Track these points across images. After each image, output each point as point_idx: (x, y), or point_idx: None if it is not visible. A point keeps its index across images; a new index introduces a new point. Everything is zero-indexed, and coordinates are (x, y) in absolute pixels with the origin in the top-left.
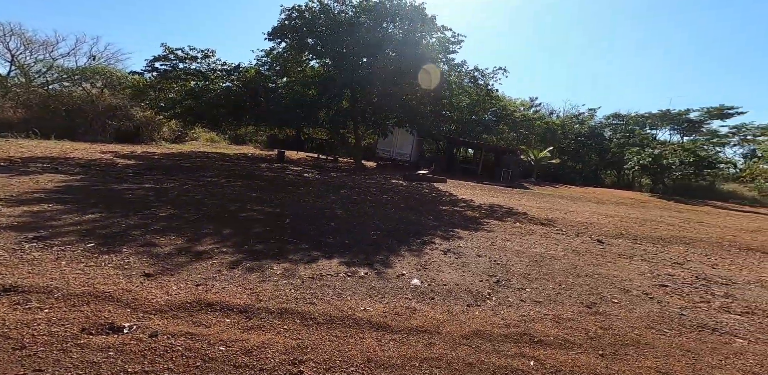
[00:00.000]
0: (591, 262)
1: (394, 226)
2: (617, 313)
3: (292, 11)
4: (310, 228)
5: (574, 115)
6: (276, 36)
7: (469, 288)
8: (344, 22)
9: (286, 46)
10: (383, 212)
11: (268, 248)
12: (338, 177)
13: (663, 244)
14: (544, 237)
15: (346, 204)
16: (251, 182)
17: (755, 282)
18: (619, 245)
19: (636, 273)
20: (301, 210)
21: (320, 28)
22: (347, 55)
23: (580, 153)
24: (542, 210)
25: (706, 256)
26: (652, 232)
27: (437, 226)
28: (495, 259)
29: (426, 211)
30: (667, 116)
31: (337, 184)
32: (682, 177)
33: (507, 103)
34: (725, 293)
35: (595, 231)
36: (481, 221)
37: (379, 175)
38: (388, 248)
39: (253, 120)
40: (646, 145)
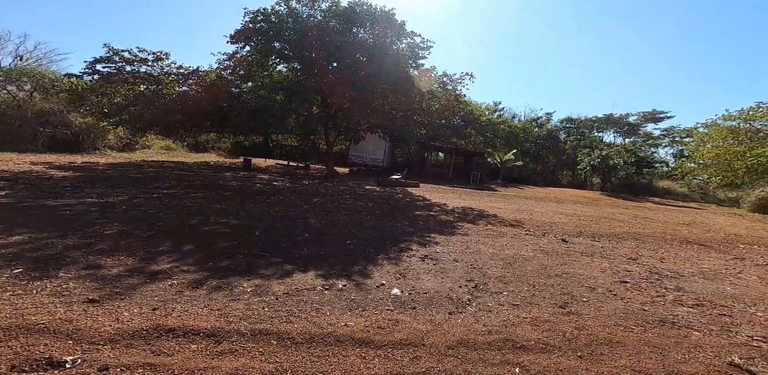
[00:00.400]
0: (558, 261)
1: (370, 233)
2: (588, 312)
3: (257, 14)
4: (282, 240)
5: (533, 119)
6: (239, 39)
7: (450, 294)
8: (313, 26)
9: (250, 49)
10: (358, 220)
11: (237, 264)
12: (310, 184)
13: (617, 240)
14: (515, 238)
15: (320, 213)
16: (214, 193)
17: (698, 274)
18: (581, 244)
19: (598, 270)
20: (272, 221)
21: (288, 31)
22: (316, 60)
23: (540, 155)
24: (510, 211)
25: (654, 251)
26: (607, 229)
27: (413, 232)
28: (471, 263)
29: (401, 217)
30: (611, 120)
31: (309, 192)
32: (626, 176)
33: (474, 107)
34: (676, 286)
35: (558, 230)
36: (456, 225)
37: (352, 182)
38: (365, 257)
39: (215, 126)
40: (595, 146)
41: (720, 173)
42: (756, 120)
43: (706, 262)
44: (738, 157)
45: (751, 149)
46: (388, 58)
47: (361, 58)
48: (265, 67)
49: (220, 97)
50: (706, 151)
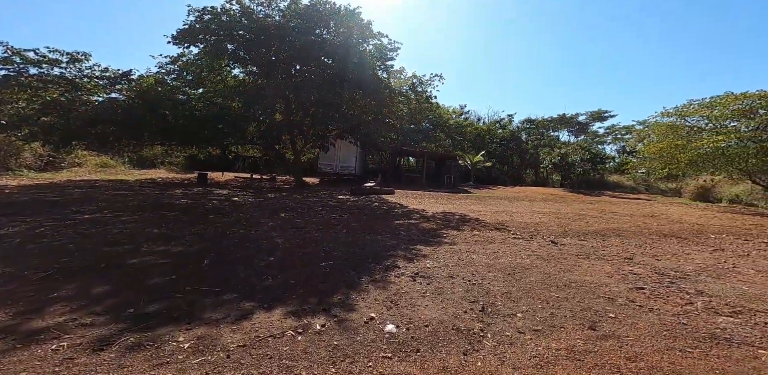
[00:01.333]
0: (559, 267)
1: (348, 251)
2: (625, 333)
3: (203, 13)
4: (239, 268)
5: (496, 120)
6: (184, 40)
7: (456, 324)
8: (271, 25)
9: (199, 52)
10: (333, 236)
11: (172, 307)
12: (276, 198)
13: (602, 238)
14: (504, 243)
15: (288, 230)
16: (155, 215)
17: (701, 271)
18: (571, 245)
19: (604, 275)
20: (228, 244)
21: (241, 32)
22: (276, 63)
23: (505, 155)
24: (490, 213)
25: (642, 247)
26: (587, 227)
27: (397, 245)
28: (468, 278)
29: (381, 229)
30: (564, 120)
31: (275, 206)
32: (584, 172)
33: (441, 111)
34: (696, 290)
35: (544, 231)
36: (440, 233)
37: (323, 192)
38: (346, 282)
39: (157, 138)
40: (554, 145)
41: (665, 166)
42: (689, 116)
43: (694, 256)
44: (680, 150)
45: (690, 143)
46: (355, 60)
47: (326, 60)
48: (217, 71)
49: (161, 104)
50: (652, 145)
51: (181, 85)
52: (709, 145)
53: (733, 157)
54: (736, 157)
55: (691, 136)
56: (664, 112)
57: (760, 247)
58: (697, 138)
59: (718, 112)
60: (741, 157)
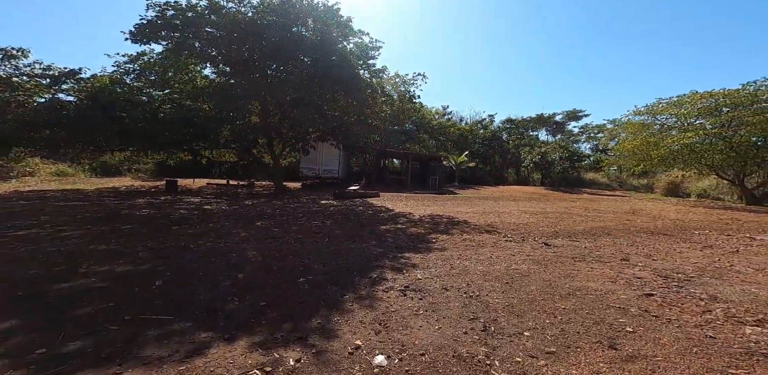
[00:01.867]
0: (558, 273)
1: (330, 263)
2: (651, 351)
3: (166, 8)
4: (200, 289)
5: (478, 121)
6: (143, 37)
7: (457, 350)
8: (242, 22)
9: (163, 50)
10: (314, 245)
11: (101, 343)
12: (254, 205)
13: (593, 238)
14: (497, 247)
15: (263, 241)
16: (107, 228)
17: (702, 272)
18: (564, 246)
19: (608, 281)
20: (190, 260)
21: (209, 28)
22: (250, 62)
23: (487, 155)
24: (478, 215)
25: (634, 247)
26: (575, 226)
27: (384, 254)
28: (464, 289)
29: (366, 235)
30: (542, 119)
31: (251, 214)
32: (563, 170)
33: (425, 111)
34: (708, 295)
35: (534, 232)
36: (429, 239)
37: (305, 197)
38: (327, 302)
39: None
40: (533, 145)
41: (639, 162)
42: (659, 114)
43: (688, 254)
44: (653, 147)
45: (662, 140)
46: (335, 58)
47: (304, 59)
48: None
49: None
50: (627, 143)
51: (144, 85)
52: (679, 141)
53: (702, 153)
54: (705, 153)
55: (662, 134)
56: (636, 111)
57: (745, 243)
58: (667, 135)
59: (686, 110)
60: (708, 153)
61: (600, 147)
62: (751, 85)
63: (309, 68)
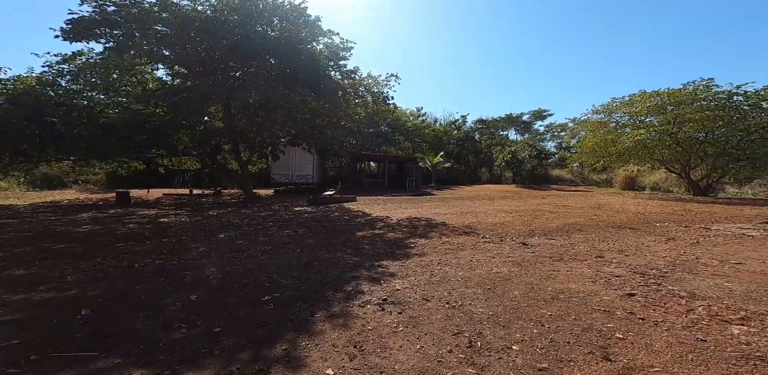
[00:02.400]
0: (538, 274)
1: (301, 276)
2: (647, 361)
3: (104, 3)
4: (140, 316)
5: (452, 121)
6: (78, 34)
7: (442, 374)
8: (197, 19)
9: (104, 50)
10: (284, 258)
11: None
12: (219, 215)
13: (566, 235)
14: (476, 249)
15: (225, 255)
16: (33, 249)
17: (673, 267)
18: (541, 245)
19: (588, 281)
20: (132, 283)
21: (159, 26)
22: (209, 63)
23: (462, 155)
24: (456, 216)
25: (605, 242)
26: (548, 223)
27: (360, 263)
28: (446, 298)
29: (342, 243)
30: (511, 119)
31: (213, 226)
32: (532, 168)
33: (399, 113)
34: (686, 292)
35: (511, 232)
36: (408, 243)
37: (278, 204)
38: (294, 323)
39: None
40: (504, 144)
41: (600, 159)
42: (614, 112)
43: (656, 248)
44: (610, 144)
45: (618, 137)
46: (303, 57)
47: (270, 59)
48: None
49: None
50: (588, 140)
51: (83, 88)
52: (632, 138)
53: (653, 149)
54: (655, 148)
55: (617, 131)
56: (594, 110)
57: (702, 234)
58: (622, 133)
59: (636, 108)
60: (658, 149)
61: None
62: (691, 84)
63: (275, 69)
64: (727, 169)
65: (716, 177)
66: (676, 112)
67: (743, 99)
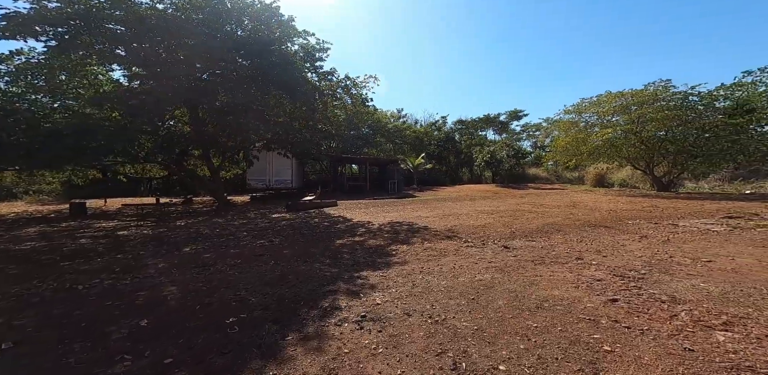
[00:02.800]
0: (521, 281)
1: (273, 293)
2: None
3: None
4: (75, 347)
5: (432, 122)
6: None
7: None
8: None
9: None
10: (255, 272)
11: None
12: (188, 225)
13: (546, 236)
14: (459, 255)
15: (188, 271)
16: None
17: (651, 267)
18: (522, 248)
19: (571, 286)
20: (71, 307)
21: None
22: (172, 63)
23: (443, 156)
24: (438, 218)
25: (583, 243)
26: (528, 224)
27: (338, 275)
28: (428, 312)
29: (320, 253)
30: (489, 120)
31: (179, 238)
32: (510, 167)
33: (380, 115)
34: (667, 296)
35: (493, 234)
36: (389, 251)
37: (254, 212)
38: (262, 348)
39: None
40: (483, 144)
41: (572, 157)
42: (584, 112)
43: (631, 247)
44: (582, 142)
45: (588, 136)
46: (274, 59)
47: (240, 61)
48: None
49: None
50: (561, 140)
51: (25, 91)
52: (601, 137)
53: (620, 147)
54: (622, 146)
55: (587, 130)
56: (566, 110)
57: (671, 231)
58: (592, 132)
59: (604, 108)
60: (624, 147)
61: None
62: (651, 85)
63: (246, 70)
64: (686, 165)
65: (677, 173)
66: (639, 111)
67: (698, 99)
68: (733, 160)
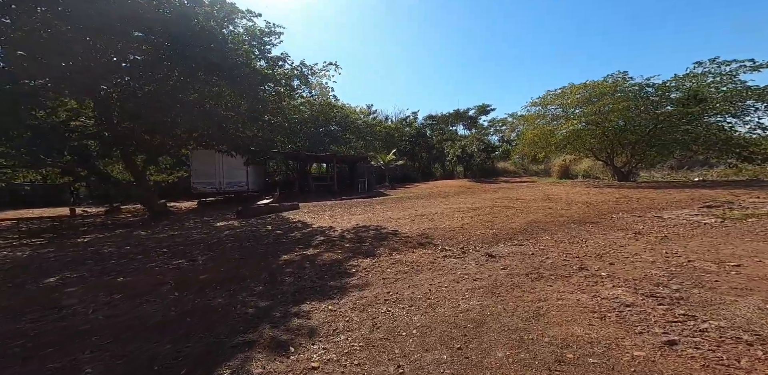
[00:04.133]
0: (521, 310)
1: (139, 354)
2: None
3: None
4: None
5: (403, 118)
6: None
7: None
8: None
9: None
10: (135, 314)
11: None
12: (90, 243)
13: (533, 238)
14: (435, 270)
15: (20, 319)
16: None
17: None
18: (510, 256)
19: (594, 317)
20: None
21: None
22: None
23: (414, 152)
24: (410, 220)
25: (577, 245)
26: (509, 223)
27: (268, 311)
28: None
29: (253, 276)
30: (459, 114)
31: (59, 262)
32: (481, 162)
33: (348, 111)
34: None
35: (473, 238)
36: (347, 269)
37: (196, 220)
38: None
39: None
40: (454, 139)
41: (541, 149)
42: (549, 104)
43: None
44: (549, 134)
45: (556, 128)
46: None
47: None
48: None
49: None
50: (529, 132)
51: None
52: (567, 128)
53: (585, 138)
54: (587, 138)
55: (553, 122)
56: (533, 102)
57: (660, 224)
58: (558, 124)
59: (567, 100)
60: (588, 138)
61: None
62: (610, 77)
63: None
64: (645, 155)
65: (635, 163)
66: (601, 102)
67: (653, 90)
68: (686, 149)
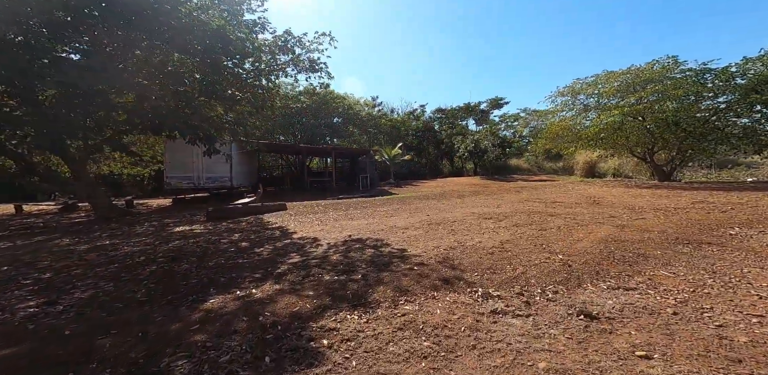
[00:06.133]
0: None
1: None
2: None
3: None
4: None
5: (410, 111)
6: None
7: None
8: None
9: None
10: None
11: None
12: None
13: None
14: (482, 347)
15: None
16: None
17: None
18: (623, 315)
19: None
20: None
21: None
22: None
23: (422, 147)
24: (422, 231)
25: (727, 288)
26: (574, 241)
27: None
28: None
29: (120, 354)
30: (469, 108)
31: None
32: (495, 158)
33: (351, 102)
34: None
35: (531, 272)
36: (315, 338)
37: (154, 222)
38: None
39: None
40: (465, 133)
41: (569, 144)
42: (579, 93)
43: None
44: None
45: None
46: None
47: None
48: None
49: None
50: (555, 125)
51: None
52: (605, 120)
53: (630, 131)
54: (632, 130)
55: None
56: (560, 92)
57: None
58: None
59: (604, 88)
60: (632, 131)
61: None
62: (656, 62)
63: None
64: (697, 150)
65: (679, 160)
66: (652, 89)
67: (712, 76)
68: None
